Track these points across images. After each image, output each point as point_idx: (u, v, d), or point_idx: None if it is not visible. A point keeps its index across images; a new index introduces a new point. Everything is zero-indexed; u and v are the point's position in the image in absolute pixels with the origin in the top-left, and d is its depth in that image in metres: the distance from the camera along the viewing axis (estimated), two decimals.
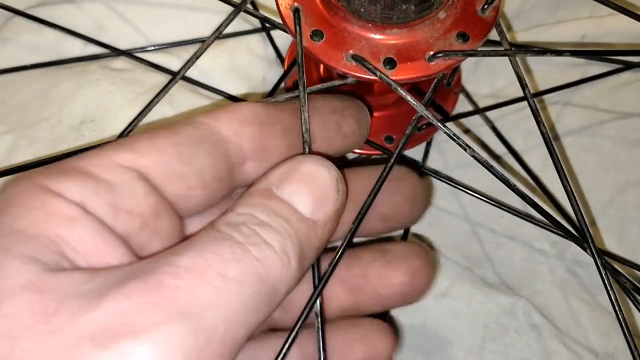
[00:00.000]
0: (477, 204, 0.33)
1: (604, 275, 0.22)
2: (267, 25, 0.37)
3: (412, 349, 0.31)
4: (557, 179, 0.23)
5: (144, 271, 0.16)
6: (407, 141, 0.23)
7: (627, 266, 0.31)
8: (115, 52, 0.36)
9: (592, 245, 0.22)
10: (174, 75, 0.25)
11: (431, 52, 0.24)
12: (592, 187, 0.34)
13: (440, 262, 0.33)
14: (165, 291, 0.16)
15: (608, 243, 0.33)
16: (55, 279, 0.16)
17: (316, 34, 0.25)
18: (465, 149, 0.23)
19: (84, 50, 0.37)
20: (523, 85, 0.24)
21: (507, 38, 0.25)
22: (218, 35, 0.25)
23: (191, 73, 0.34)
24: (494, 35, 0.26)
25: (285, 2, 0.26)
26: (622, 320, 0.22)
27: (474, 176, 0.34)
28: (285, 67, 0.36)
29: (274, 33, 0.38)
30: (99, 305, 0.15)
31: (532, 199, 0.24)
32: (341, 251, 0.22)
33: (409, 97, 0.23)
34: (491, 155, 0.35)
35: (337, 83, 0.25)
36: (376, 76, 0.24)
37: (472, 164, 0.24)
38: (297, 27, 0.25)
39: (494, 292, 0.32)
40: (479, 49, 0.25)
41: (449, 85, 0.35)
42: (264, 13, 0.34)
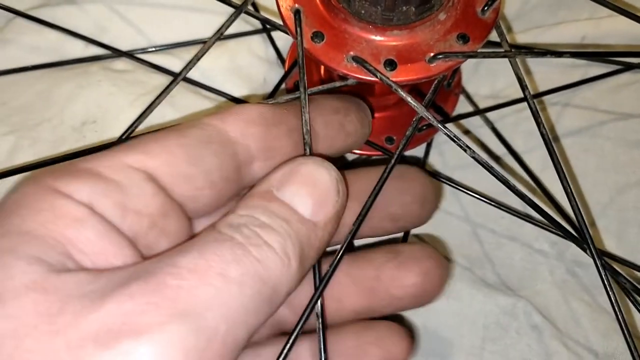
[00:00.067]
0: (477, 205, 0.33)
1: (603, 276, 0.22)
2: (268, 26, 0.37)
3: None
4: (557, 179, 0.23)
5: (146, 272, 0.17)
6: (408, 142, 0.24)
7: (626, 267, 0.31)
8: (116, 53, 0.36)
9: (592, 246, 0.22)
10: (175, 77, 0.25)
11: (431, 54, 0.24)
12: (592, 188, 0.34)
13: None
14: (167, 292, 0.16)
15: (608, 243, 0.33)
16: (60, 279, 0.16)
17: (317, 36, 0.25)
18: (465, 150, 0.23)
19: (86, 51, 0.37)
20: (523, 87, 0.24)
21: (507, 39, 0.25)
22: (219, 36, 0.25)
23: (192, 74, 0.34)
24: (494, 36, 0.26)
25: (286, 3, 0.26)
26: (622, 321, 0.22)
27: (474, 177, 0.34)
28: (286, 68, 0.36)
29: (274, 34, 0.38)
30: (102, 306, 0.15)
31: (532, 200, 0.24)
32: (342, 252, 0.22)
33: (409, 99, 0.23)
34: (491, 156, 0.35)
35: (337, 84, 0.25)
36: (377, 78, 0.24)
37: (472, 164, 0.24)
38: (298, 29, 0.25)
39: (494, 292, 0.32)
40: (479, 50, 0.25)
41: (449, 86, 0.35)
42: (264, 14, 0.34)
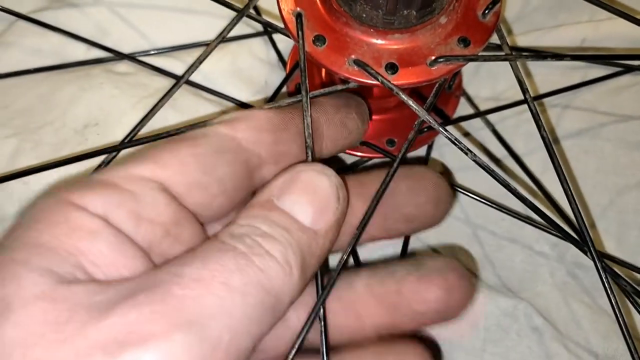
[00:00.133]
0: (477, 207, 0.33)
1: (604, 279, 0.22)
2: (270, 29, 0.37)
3: None
4: (557, 181, 0.23)
5: (152, 283, 0.17)
6: (410, 145, 0.24)
7: (626, 268, 0.32)
8: (118, 56, 0.36)
9: (592, 248, 0.23)
10: (177, 80, 0.25)
11: (432, 57, 0.24)
12: (592, 190, 0.34)
13: None
14: (171, 301, 0.16)
15: (607, 245, 0.33)
16: (69, 290, 0.17)
17: (318, 39, 0.25)
18: (466, 153, 0.23)
19: (87, 54, 0.37)
20: (524, 90, 0.24)
21: (508, 42, 0.25)
22: (221, 40, 0.25)
23: (194, 77, 0.34)
24: (494, 38, 0.26)
25: (288, 7, 0.26)
26: (622, 323, 0.22)
27: (475, 179, 0.35)
28: (287, 71, 0.36)
29: (275, 36, 0.38)
30: (109, 316, 0.16)
31: (532, 203, 0.24)
32: (347, 256, 0.22)
33: (410, 102, 0.23)
34: (491, 159, 0.35)
35: (339, 88, 0.25)
36: (378, 81, 0.24)
37: (472, 166, 0.25)
38: (300, 32, 0.25)
39: (494, 294, 0.32)
40: (480, 53, 0.25)
41: (450, 88, 0.35)
42: (266, 17, 0.34)
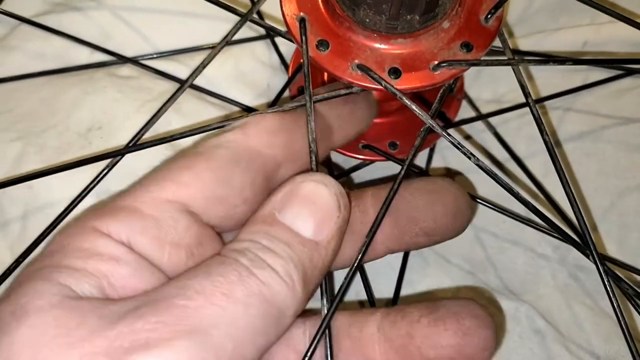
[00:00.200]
0: (479, 209, 0.33)
1: (605, 281, 0.22)
2: (273, 33, 0.38)
3: None
4: (559, 184, 0.23)
5: (159, 296, 0.17)
6: (417, 151, 0.24)
7: (628, 271, 0.32)
8: (121, 59, 0.36)
9: (594, 251, 0.23)
10: (182, 84, 0.25)
11: (435, 62, 0.25)
12: (594, 193, 0.34)
13: (444, 267, 0.33)
14: (174, 311, 0.17)
15: (609, 248, 0.33)
16: (83, 301, 0.17)
17: (322, 44, 0.25)
18: (469, 158, 0.23)
19: (91, 57, 0.37)
20: (526, 94, 0.24)
21: (510, 46, 0.26)
22: (225, 44, 0.26)
23: (197, 81, 0.34)
24: (496, 41, 0.26)
25: (291, 11, 0.26)
26: (624, 325, 0.22)
27: (476, 181, 0.35)
28: (290, 74, 0.36)
29: (277, 39, 0.38)
30: (116, 326, 0.16)
31: (535, 207, 0.24)
32: (353, 271, 0.22)
33: (414, 107, 0.23)
34: (493, 162, 0.36)
35: (342, 92, 0.25)
36: (382, 86, 0.24)
37: (474, 169, 0.25)
38: (303, 37, 0.25)
39: (497, 296, 0.32)
40: (483, 58, 0.25)
41: (451, 91, 0.35)
42: (268, 22, 0.34)
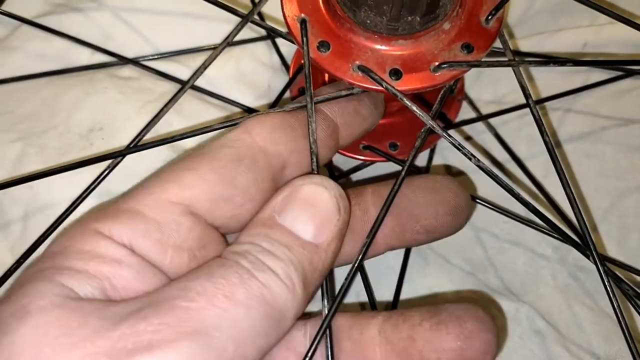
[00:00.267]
0: (479, 209, 0.33)
1: (605, 282, 0.22)
2: (274, 34, 0.38)
3: None
4: (559, 185, 0.23)
5: (161, 297, 0.17)
6: (417, 152, 0.24)
7: (627, 271, 0.32)
8: (122, 60, 0.36)
9: (594, 251, 0.23)
10: (183, 85, 0.26)
11: (436, 63, 0.25)
12: (594, 193, 0.35)
13: (445, 268, 0.33)
14: (177, 312, 0.17)
15: (609, 248, 0.33)
16: (85, 302, 0.17)
17: (323, 45, 0.25)
18: (470, 158, 0.23)
19: (92, 58, 0.37)
20: (527, 95, 0.24)
21: (510, 47, 0.26)
22: (226, 45, 0.26)
23: (198, 82, 0.34)
24: (497, 42, 0.26)
25: (292, 13, 0.26)
26: (624, 325, 0.22)
27: (477, 181, 0.35)
28: (291, 75, 0.36)
29: (278, 40, 0.38)
30: (118, 327, 0.16)
31: (535, 208, 0.24)
32: (355, 267, 0.22)
33: (415, 108, 0.23)
34: (494, 162, 0.36)
35: (343, 93, 0.25)
36: (382, 87, 0.24)
37: (474, 169, 0.25)
38: (304, 38, 0.25)
39: (497, 297, 0.32)
40: (483, 59, 0.25)
41: (452, 92, 0.35)
42: (269, 22, 0.34)
